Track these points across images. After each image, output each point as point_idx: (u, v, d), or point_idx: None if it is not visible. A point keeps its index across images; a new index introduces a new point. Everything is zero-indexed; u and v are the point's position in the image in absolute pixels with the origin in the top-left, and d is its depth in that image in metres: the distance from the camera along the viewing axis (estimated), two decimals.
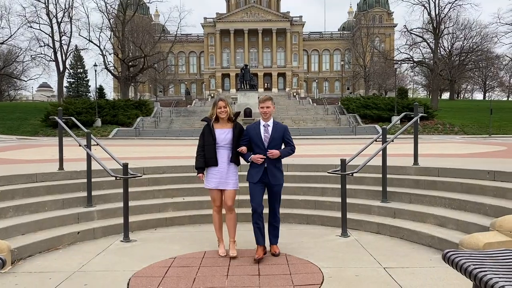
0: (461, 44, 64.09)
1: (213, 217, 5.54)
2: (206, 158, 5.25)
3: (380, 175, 7.10)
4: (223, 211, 5.54)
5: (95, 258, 5.37)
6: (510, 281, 3.12)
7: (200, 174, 5.35)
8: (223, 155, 5.25)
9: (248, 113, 40.59)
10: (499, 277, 3.19)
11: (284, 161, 5.35)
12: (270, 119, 5.27)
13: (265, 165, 5.14)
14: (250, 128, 5.27)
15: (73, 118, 8.05)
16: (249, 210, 5.52)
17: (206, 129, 5.34)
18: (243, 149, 5.18)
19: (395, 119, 8.32)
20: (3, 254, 4.59)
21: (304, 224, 7.09)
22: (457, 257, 3.67)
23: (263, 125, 5.22)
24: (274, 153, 5.09)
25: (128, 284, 4.45)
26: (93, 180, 7.08)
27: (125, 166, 6.15)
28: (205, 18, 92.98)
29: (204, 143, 5.29)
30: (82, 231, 6.20)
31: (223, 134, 5.26)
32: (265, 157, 5.13)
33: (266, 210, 5.39)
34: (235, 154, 5.27)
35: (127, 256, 5.46)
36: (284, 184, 8.34)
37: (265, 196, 5.37)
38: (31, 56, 61.33)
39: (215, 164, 5.23)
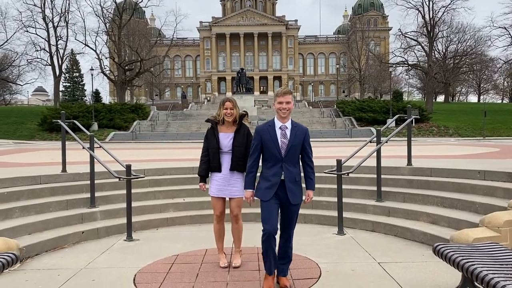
0: (455, 47, 64.76)
1: (213, 226, 5.15)
2: (210, 163, 4.88)
3: (375, 176, 7.33)
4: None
5: (101, 256, 5.56)
6: (496, 271, 3.35)
7: (201, 184, 5.01)
8: (227, 160, 4.83)
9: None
10: (486, 268, 3.42)
11: None
12: (289, 119, 4.15)
13: (282, 177, 4.08)
14: (263, 130, 4.14)
15: (76, 122, 8.24)
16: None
17: (210, 132, 4.92)
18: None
19: (389, 121, 8.59)
20: (14, 252, 4.77)
21: (302, 223, 7.29)
22: (446, 249, 3.91)
23: (280, 127, 4.10)
24: (311, 197, 4.26)
25: (134, 280, 4.65)
26: (95, 181, 7.27)
27: (128, 167, 6.35)
28: (201, 22, 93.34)
29: (208, 147, 4.91)
30: (86, 231, 6.39)
31: (227, 139, 4.83)
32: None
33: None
34: (235, 161, 4.78)
35: (131, 254, 5.65)
36: None
37: None
38: (27, 60, 61.39)
39: (218, 170, 4.84)
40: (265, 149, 4.12)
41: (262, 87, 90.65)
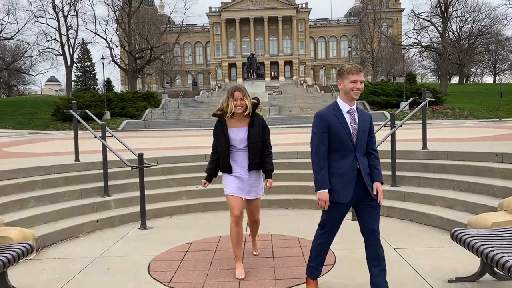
0: (470, 27, 63.27)
1: (230, 230, 4.27)
2: (221, 163, 4.31)
3: (390, 160, 7.21)
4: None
5: (115, 245, 5.59)
6: None
7: (204, 181, 4.41)
8: (242, 159, 4.25)
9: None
10: (506, 254, 3.33)
11: (293, 148, 4.18)
12: (355, 102, 3.54)
13: (357, 166, 3.43)
14: (328, 115, 3.44)
15: (88, 111, 8.26)
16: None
17: (218, 127, 4.28)
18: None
19: (404, 104, 8.46)
20: (29, 242, 4.81)
21: (315, 208, 7.24)
22: (465, 235, 3.82)
23: (348, 111, 3.45)
24: (382, 197, 3.60)
25: (148, 268, 4.66)
26: (108, 170, 7.29)
27: (141, 156, 6.35)
28: (210, 8, 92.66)
29: (217, 145, 4.31)
30: (100, 220, 6.43)
31: (240, 134, 4.21)
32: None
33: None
34: (253, 159, 4.22)
35: (146, 242, 5.67)
36: (295, 171, 8.46)
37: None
38: (39, 50, 61.85)
39: (229, 171, 4.26)
40: (332, 138, 3.41)
41: (273, 72, 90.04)
